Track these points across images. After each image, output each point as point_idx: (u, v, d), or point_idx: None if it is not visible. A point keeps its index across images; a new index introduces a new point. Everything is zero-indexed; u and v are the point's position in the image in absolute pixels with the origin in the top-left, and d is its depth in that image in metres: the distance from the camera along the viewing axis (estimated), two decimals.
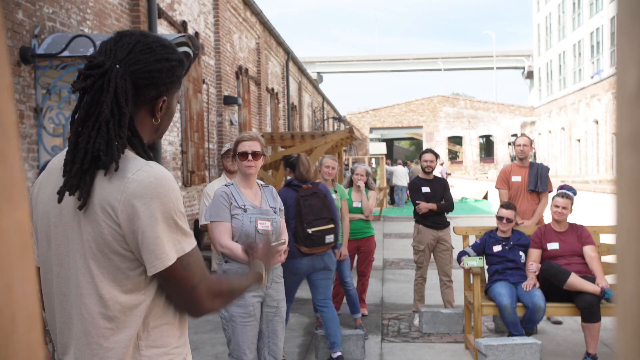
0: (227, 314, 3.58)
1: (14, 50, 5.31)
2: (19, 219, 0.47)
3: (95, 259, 1.43)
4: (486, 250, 5.42)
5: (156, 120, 1.54)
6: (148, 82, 1.48)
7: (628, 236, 0.30)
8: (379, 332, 5.99)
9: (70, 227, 1.46)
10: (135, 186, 1.41)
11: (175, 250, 1.43)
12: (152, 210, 1.40)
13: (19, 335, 0.48)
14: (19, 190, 0.47)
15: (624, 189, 0.32)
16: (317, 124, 29.60)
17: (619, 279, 0.35)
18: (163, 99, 1.52)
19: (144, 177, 1.42)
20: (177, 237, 1.44)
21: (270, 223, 3.62)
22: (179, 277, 1.44)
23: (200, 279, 1.47)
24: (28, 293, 0.49)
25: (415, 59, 57.51)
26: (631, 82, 0.31)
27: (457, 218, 16.47)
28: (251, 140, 3.68)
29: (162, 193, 1.42)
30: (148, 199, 1.40)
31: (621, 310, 0.33)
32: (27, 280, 0.49)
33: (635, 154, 0.31)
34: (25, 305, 0.48)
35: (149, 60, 1.47)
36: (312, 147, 11.27)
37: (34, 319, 0.50)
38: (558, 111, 36.94)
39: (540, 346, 4.71)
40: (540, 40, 43.41)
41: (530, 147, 6.46)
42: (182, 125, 9.95)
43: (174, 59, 1.51)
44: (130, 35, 1.50)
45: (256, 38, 15.79)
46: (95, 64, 1.46)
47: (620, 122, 0.33)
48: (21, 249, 0.48)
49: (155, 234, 1.40)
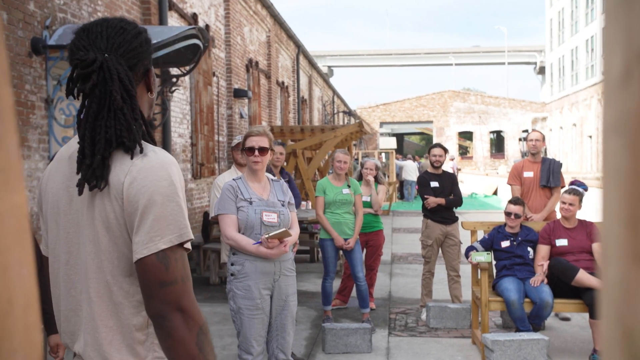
0: (235, 306, 3.60)
1: (25, 41, 5.34)
2: (16, 202, 0.48)
3: (103, 243, 1.46)
4: (494, 246, 5.40)
5: (152, 94, 1.59)
6: (137, 60, 1.52)
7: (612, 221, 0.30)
8: (386, 326, 6.00)
9: (81, 214, 1.48)
10: (137, 170, 1.43)
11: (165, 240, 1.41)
12: (151, 195, 1.41)
13: (15, 317, 0.49)
14: (15, 173, 0.47)
15: (609, 175, 0.32)
16: (327, 117, 29.58)
17: (603, 264, 0.35)
18: (151, 71, 1.57)
19: (147, 162, 1.44)
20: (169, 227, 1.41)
21: (277, 215, 3.62)
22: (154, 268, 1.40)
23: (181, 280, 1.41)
24: (25, 276, 0.50)
25: (426, 54, 57.27)
26: (616, 67, 0.31)
27: (466, 213, 16.43)
28: (259, 136, 3.69)
29: (163, 177, 1.43)
30: (148, 183, 1.42)
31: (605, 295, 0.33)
32: (24, 263, 0.49)
33: (620, 140, 0.31)
34: (22, 287, 0.49)
35: (127, 39, 1.50)
36: (321, 140, 11.27)
37: (31, 301, 0.51)
38: (570, 107, 36.68)
39: (547, 342, 4.69)
40: (552, 35, 43.08)
41: (542, 143, 6.42)
42: (192, 117, 9.98)
43: (143, 30, 1.55)
44: (94, 25, 1.54)
45: (267, 31, 15.78)
46: (89, 61, 1.47)
47: (606, 108, 0.33)
48: (18, 232, 0.48)
49: (149, 220, 1.40)
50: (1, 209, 0.46)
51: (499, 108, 44.04)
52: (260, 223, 3.57)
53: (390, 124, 46.28)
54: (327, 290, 5.94)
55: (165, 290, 1.40)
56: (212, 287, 7.83)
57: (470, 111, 44.30)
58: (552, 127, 40.76)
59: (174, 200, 1.43)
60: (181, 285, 1.41)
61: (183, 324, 1.39)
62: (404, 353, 5.19)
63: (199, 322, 1.42)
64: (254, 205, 3.60)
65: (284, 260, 3.66)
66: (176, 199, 1.43)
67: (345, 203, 5.85)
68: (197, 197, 10.20)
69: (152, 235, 1.40)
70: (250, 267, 3.55)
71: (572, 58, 38.81)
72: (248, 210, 3.58)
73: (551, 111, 41.54)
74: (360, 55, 57.49)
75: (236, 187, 3.64)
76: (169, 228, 1.41)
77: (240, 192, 3.62)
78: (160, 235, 1.40)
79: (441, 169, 6.40)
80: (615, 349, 0.34)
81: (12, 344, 0.48)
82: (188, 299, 1.41)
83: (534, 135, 6.44)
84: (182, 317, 1.39)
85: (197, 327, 1.41)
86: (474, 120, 44.20)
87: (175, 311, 1.39)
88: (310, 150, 12.13)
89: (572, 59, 38.70)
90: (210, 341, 1.45)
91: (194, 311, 1.41)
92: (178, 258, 1.43)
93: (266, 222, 3.58)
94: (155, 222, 1.40)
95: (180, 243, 1.43)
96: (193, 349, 1.39)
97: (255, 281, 3.56)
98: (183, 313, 1.40)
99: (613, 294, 0.31)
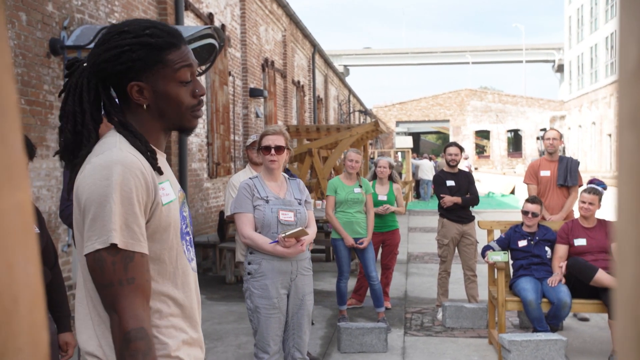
0: (252, 305, 3.60)
1: (44, 42, 5.39)
2: (20, 199, 0.47)
3: (78, 239, 1.51)
4: (511, 245, 5.35)
5: (141, 106, 1.55)
6: (103, 74, 1.51)
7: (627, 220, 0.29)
8: (402, 325, 5.97)
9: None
10: (86, 169, 1.47)
11: (100, 241, 1.41)
12: (89, 194, 1.43)
13: (21, 316, 0.48)
14: (19, 170, 0.47)
15: (624, 170, 0.30)
16: (343, 117, 29.54)
17: (618, 262, 0.34)
18: (134, 85, 1.52)
19: (95, 162, 1.46)
20: (104, 228, 1.40)
21: (293, 214, 3.62)
22: (91, 269, 1.42)
23: (118, 282, 1.40)
24: (31, 274, 0.49)
25: (442, 52, 56.96)
26: (631, 59, 0.29)
27: (483, 213, 16.32)
28: (275, 135, 3.69)
29: (105, 176, 1.43)
30: (89, 182, 1.44)
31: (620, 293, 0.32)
32: (29, 261, 0.49)
33: (635, 135, 0.30)
34: (27, 285, 0.49)
35: (98, 52, 1.51)
36: (337, 140, 11.25)
37: (37, 299, 0.50)
38: (589, 105, 36.27)
39: (565, 343, 4.64)
40: (571, 32, 42.62)
41: (560, 141, 6.35)
42: (207, 117, 10.02)
43: (126, 44, 1.50)
44: (107, 28, 1.57)
45: (282, 30, 15.79)
46: (70, 64, 1.56)
47: (620, 101, 0.32)
48: (23, 229, 0.48)
49: (88, 220, 1.43)
50: (5, 207, 0.46)
51: (516, 107, 43.67)
52: (277, 222, 3.57)
53: (406, 123, 46.10)
54: (341, 290, 5.93)
55: (102, 291, 1.42)
56: (227, 286, 7.86)
57: (487, 110, 43.98)
58: (570, 126, 40.33)
59: (109, 202, 1.41)
60: (118, 289, 1.40)
61: (115, 327, 1.40)
62: (420, 353, 5.16)
63: (126, 328, 1.38)
64: (270, 203, 3.59)
65: (301, 260, 3.65)
66: (110, 201, 1.41)
67: (356, 202, 5.83)
68: (212, 196, 10.24)
69: (89, 235, 1.42)
70: (267, 266, 3.55)
71: (591, 55, 38.36)
72: (265, 209, 3.58)
73: (570, 109, 41.11)
74: (377, 55, 57.32)
75: (253, 185, 3.65)
76: (104, 229, 1.40)
77: (256, 190, 3.63)
78: (96, 235, 1.41)
79: (457, 168, 6.36)
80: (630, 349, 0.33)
81: (18, 342, 0.48)
82: (123, 302, 1.39)
83: (551, 133, 6.37)
84: (116, 319, 1.40)
85: (123, 332, 1.38)
86: (491, 119, 43.88)
87: (112, 312, 1.41)
88: (326, 150, 12.12)
89: (592, 57, 38.25)
90: (140, 349, 1.38)
91: (123, 316, 1.39)
92: (117, 260, 1.40)
93: (283, 221, 3.58)
94: (92, 222, 1.41)
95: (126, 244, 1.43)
96: (117, 353, 1.40)
97: (272, 280, 3.56)
98: (116, 315, 1.40)
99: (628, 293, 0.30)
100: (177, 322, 1.55)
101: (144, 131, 1.55)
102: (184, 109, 1.57)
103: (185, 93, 1.56)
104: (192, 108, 1.58)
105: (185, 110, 1.57)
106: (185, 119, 1.58)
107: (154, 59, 1.51)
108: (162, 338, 1.51)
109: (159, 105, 1.55)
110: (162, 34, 1.53)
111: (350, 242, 5.75)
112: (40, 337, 0.51)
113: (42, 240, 2.84)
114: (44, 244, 2.86)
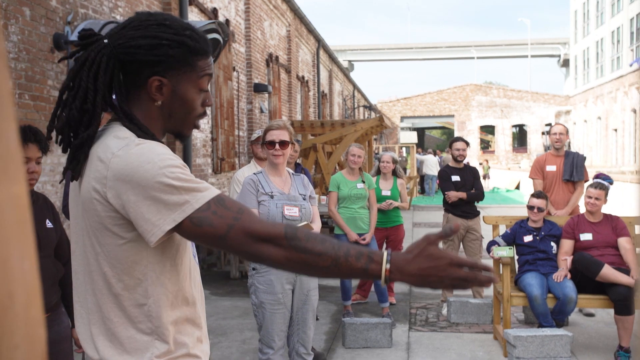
0: (257, 300, 3.59)
1: (47, 37, 5.38)
2: (16, 192, 0.46)
3: (95, 236, 1.44)
4: (516, 240, 5.33)
5: (155, 102, 1.50)
6: (130, 58, 1.45)
7: None
8: (407, 321, 5.97)
9: (78, 204, 1.49)
10: (117, 162, 1.39)
11: (173, 216, 1.35)
12: (137, 184, 1.37)
13: (16, 312, 0.47)
14: (15, 163, 0.46)
15: None
16: (347, 112, 29.49)
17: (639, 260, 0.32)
18: (156, 79, 1.47)
19: (133, 149, 1.39)
20: (174, 200, 1.35)
21: (298, 209, 3.61)
22: (196, 234, 1.36)
23: (232, 222, 1.33)
24: (27, 269, 0.48)
25: (447, 47, 56.79)
26: None
27: (488, 208, 16.28)
28: (279, 130, 3.67)
29: (143, 162, 1.37)
30: (147, 161, 1.37)
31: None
32: (25, 256, 0.48)
33: None
34: (23, 281, 0.47)
35: (134, 35, 1.45)
36: (341, 135, 11.23)
37: (33, 296, 0.49)
38: (594, 100, 36.11)
39: (570, 338, 4.62)
40: (577, 27, 42.40)
41: (566, 136, 6.31)
42: (212, 112, 10.01)
43: (165, 38, 1.46)
44: (144, 14, 1.50)
45: (287, 25, 15.76)
46: (85, 35, 1.46)
47: None
48: (18, 223, 0.46)
49: (142, 208, 1.36)
50: (0, 200, 0.45)
51: (521, 102, 43.52)
52: (282, 217, 3.56)
53: (411, 118, 46.00)
54: (346, 285, 5.92)
55: (229, 240, 1.35)
56: (232, 281, 7.86)
57: (492, 105, 43.84)
58: (576, 121, 40.17)
59: (177, 167, 1.40)
60: (239, 223, 1.35)
61: (267, 247, 1.33)
62: (425, 348, 5.15)
63: (280, 233, 1.33)
64: (275, 199, 3.59)
65: None
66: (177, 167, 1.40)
67: (360, 198, 5.81)
68: None
69: (169, 208, 1.38)
70: None
71: (597, 50, 38.17)
72: (269, 204, 3.57)
73: (575, 104, 40.94)
74: (381, 50, 57.20)
75: (257, 181, 3.64)
76: (192, 191, 1.38)
77: (261, 186, 3.62)
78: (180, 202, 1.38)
79: (463, 163, 6.34)
80: None
81: (14, 339, 0.47)
82: (254, 225, 1.35)
83: (557, 128, 6.33)
84: (259, 242, 1.33)
85: (283, 238, 1.32)
86: (496, 114, 43.75)
87: (255, 244, 1.34)
88: (330, 145, 12.10)
89: (597, 51, 38.06)
90: (307, 233, 1.34)
91: (265, 229, 1.34)
92: (216, 209, 1.37)
93: (287, 216, 3.57)
94: (169, 194, 1.39)
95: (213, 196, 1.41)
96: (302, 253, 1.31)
97: (277, 275, 3.55)
98: (263, 241, 1.34)
99: None
100: (192, 320, 1.54)
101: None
102: (193, 115, 1.55)
103: (199, 101, 1.55)
104: (198, 116, 1.57)
105: (193, 117, 1.56)
106: (187, 125, 1.56)
107: (185, 61, 1.49)
108: (181, 338, 1.50)
109: (173, 105, 1.52)
110: (200, 39, 1.51)
111: (353, 237, 5.73)
112: (37, 333, 0.50)
113: (56, 235, 2.84)
114: (58, 238, 2.85)
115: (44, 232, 2.74)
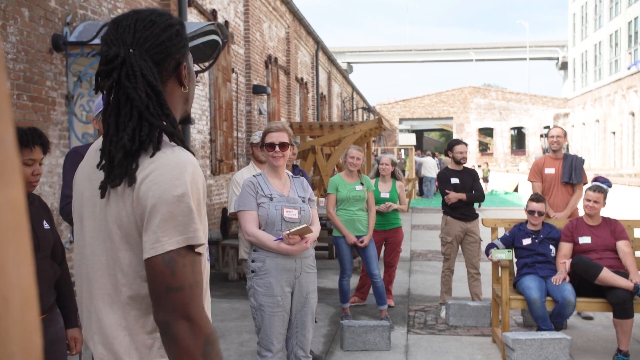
0: (256, 303, 3.58)
1: (46, 38, 5.37)
2: (12, 196, 0.45)
3: (115, 241, 1.43)
4: (515, 243, 5.33)
5: (185, 88, 1.52)
6: (164, 55, 1.45)
7: None
8: (405, 323, 5.95)
9: (100, 209, 1.46)
10: (151, 168, 1.38)
11: (172, 242, 1.34)
12: (161, 194, 1.35)
13: (12, 318, 0.46)
14: (11, 166, 0.45)
15: None
16: (346, 114, 29.49)
17: None
18: (183, 65, 1.50)
19: (162, 161, 1.38)
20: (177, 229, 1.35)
21: (297, 211, 3.60)
22: (160, 271, 1.33)
23: (189, 286, 1.34)
24: (22, 274, 0.47)
25: (446, 49, 56.87)
26: None
27: (486, 210, 16.29)
28: (279, 132, 3.67)
29: (176, 176, 1.37)
30: (160, 181, 1.36)
31: None
32: (21, 261, 0.47)
33: None
34: (19, 287, 0.46)
35: (155, 32, 1.44)
36: (340, 137, 11.23)
37: (29, 302, 0.48)
38: (592, 103, 36.15)
39: (569, 341, 4.61)
40: (575, 30, 42.47)
41: (564, 139, 6.32)
42: (211, 114, 10.00)
43: (176, 23, 1.49)
44: (125, 17, 1.48)
45: (286, 27, 15.76)
46: (111, 57, 1.42)
47: None
48: (14, 228, 0.46)
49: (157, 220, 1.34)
50: None
51: (520, 104, 43.56)
52: (281, 219, 3.55)
53: (409, 120, 46.03)
54: (344, 288, 5.91)
55: (171, 296, 1.33)
56: (230, 283, 7.85)
57: (490, 107, 43.88)
58: (574, 124, 40.21)
59: (184, 201, 1.35)
60: (189, 292, 1.33)
61: (189, 333, 1.32)
62: (423, 351, 5.14)
63: (206, 331, 1.34)
64: (274, 201, 3.58)
65: (305, 257, 3.63)
66: (187, 199, 1.36)
67: (358, 200, 5.80)
68: (215, 193, 10.23)
69: (159, 235, 1.34)
70: (271, 264, 3.53)
71: (595, 53, 38.23)
72: (269, 206, 3.56)
73: (573, 107, 40.98)
74: (380, 51, 57.25)
75: (256, 183, 3.63)
76: (177, 229, 1.34)
77: (260, 188, 3.61)
78: (168, 235, 1.34)
79: (462, 165, 6.33)
80: None
81: (10, 346, 0.46)
82: (195, 306, 1.34)
83: (555, 131, 6.34)
84: (189, 325, 1.32)
85: (204, 337, 1.33)
86: (494, 117, 43.78)
87: (181, 319, 1.32)
88: (329, 147, 12.09)
89: (596, 54, 38.12)
90: (219, 352, 1.37)
91: (201, 320, 1.34)
92: (187, 263, 1.35)
93: (287, 219, 3.56)
94: (163, 222, 1.34)
95: (191, 247, 1.36)
96: (196, 357, 1.32)
97: (276, 278, 3.54)
98: (189, 321, 1.32)
99: None
100: None
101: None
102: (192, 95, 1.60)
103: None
104: None
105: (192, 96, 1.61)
106: (190, 105, 1.60)
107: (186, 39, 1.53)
108: None
109: (191, 87, 1.56)
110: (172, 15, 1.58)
111: (352, 240, 5.72)
112: (33, 340, 0.49)
113: (53, 236, 2.83)
114: (54, 239, 2.84)
115: (42, 233, 2.73)
